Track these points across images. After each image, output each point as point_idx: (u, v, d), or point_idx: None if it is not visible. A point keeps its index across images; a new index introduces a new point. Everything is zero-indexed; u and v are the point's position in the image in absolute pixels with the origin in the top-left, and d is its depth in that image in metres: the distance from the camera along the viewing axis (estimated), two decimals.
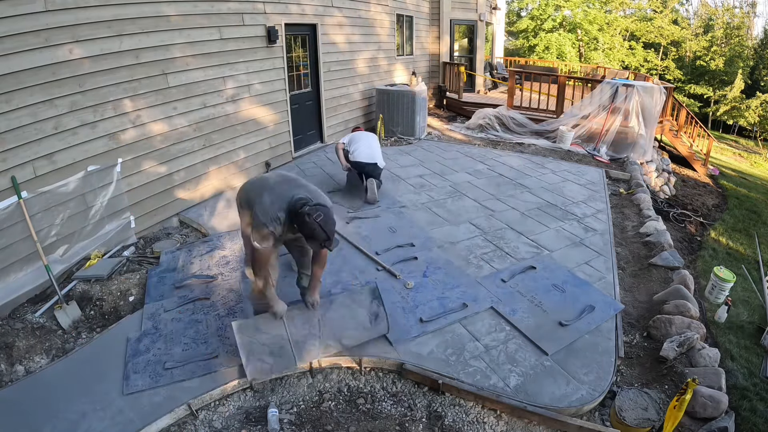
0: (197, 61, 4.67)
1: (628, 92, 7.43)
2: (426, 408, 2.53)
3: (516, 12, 29.15)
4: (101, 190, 3.88)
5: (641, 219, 4.99)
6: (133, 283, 3.53)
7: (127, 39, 3.92)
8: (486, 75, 12.61)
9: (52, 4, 3.32)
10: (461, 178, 5.96)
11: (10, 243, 3.27)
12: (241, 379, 2.62)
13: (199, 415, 2.47)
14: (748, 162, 16.44)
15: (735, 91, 21.68)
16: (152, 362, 2.72)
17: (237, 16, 5.12)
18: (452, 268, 3.73)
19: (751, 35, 25.46)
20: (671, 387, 2.66)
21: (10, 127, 3.19)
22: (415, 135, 8.02)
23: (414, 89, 7.84)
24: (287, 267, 3.70)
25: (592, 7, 25.80)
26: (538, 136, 8.33)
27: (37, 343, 2.94)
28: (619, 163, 7.11)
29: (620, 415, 2.40)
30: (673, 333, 3.03)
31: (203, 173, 4.99)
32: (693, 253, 5.26)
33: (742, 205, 8.05)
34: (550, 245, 4.17)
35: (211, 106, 4.95)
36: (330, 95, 7.27)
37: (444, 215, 4.78)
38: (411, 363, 2.72)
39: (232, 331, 2.60)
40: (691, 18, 27.37)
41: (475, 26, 11.53)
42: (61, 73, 3.46)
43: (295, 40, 6.43)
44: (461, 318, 3.12)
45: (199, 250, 4.01)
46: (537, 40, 25.91)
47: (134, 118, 4.11)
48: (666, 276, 3.86)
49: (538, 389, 2.56)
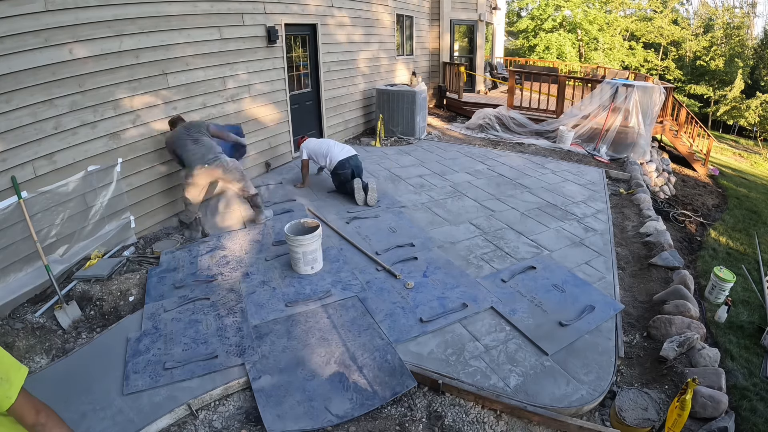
0: (197, 60, 4.67)
1: (628, 92, 7.43)
2: (426, 408, 2.52)
3: (516, 12, 29.15)
4: (101, 190, 3.87)
5: (641, 219, 4.99)
6: (133, 283, 3.53)
7: (127, 39, 3.92)
8: (486, 75, 12.61)
9: (52, 4, 3.32)
10: (461, 178, 5.96)
11: (10, 243, 3.27)
12: (241, 379, 2.62)
13: (199, 415, 2.48)
14: (748, 162, 16.44)
15: (735, 91, 21.68)
16: (152, 362, 2.72)
17: (237, 16, 5.12)
18: (452, 268, 3.73)
19: (751, 35, 25.46)
20: (671, 387, 2.66)
21: (10, 127, 3.19)
22: (415, 135, 8.03)
23: (414, 89, 7.84)
24: (287, 267, 3.71)
25: (592, 7, 25.80)
26: (538, 136, 8.33)
27: (37, 343, 2.94)
28: (619, 163, 7.11)
29: (620, 415, 2.40)
30: (673, 333, 3.03)
31: None
32: (693, 253, 5.26)
33: (742, 205, 8.05)
34: (550, 245, 4.17)
35: (211, 105, 4.96)
36: (330, 95, 7.27)
37: (444, 215, 4.78)
38: (411, 363, 2.72)
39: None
40: (691, 18, 27.37)
41: (475, 26, 11.53)
42: (61, 73, 3.46)
43: (295, 40, 6.43)
44: (461, 318, 3.13)
45: (199, 250, 4.01)
46: (537, 40, 25.91)
47: (134, 117, 4.11)
48: (666, 276, 3.86)
49: (538, 389, 2.56)
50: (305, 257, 3.56)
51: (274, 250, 3.98)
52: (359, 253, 3.97)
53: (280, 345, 2.87)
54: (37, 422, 1.20)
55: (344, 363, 2.74)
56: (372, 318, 3.11)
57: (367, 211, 4.84)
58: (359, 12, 7.71)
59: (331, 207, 4.95)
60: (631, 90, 7.41)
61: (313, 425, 2.35)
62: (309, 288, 3.45)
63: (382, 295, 3.37)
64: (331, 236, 4.28)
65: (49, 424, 1.22)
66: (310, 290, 3.43)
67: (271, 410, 2.42)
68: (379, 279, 3.57)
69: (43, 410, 1.22)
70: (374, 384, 2.59)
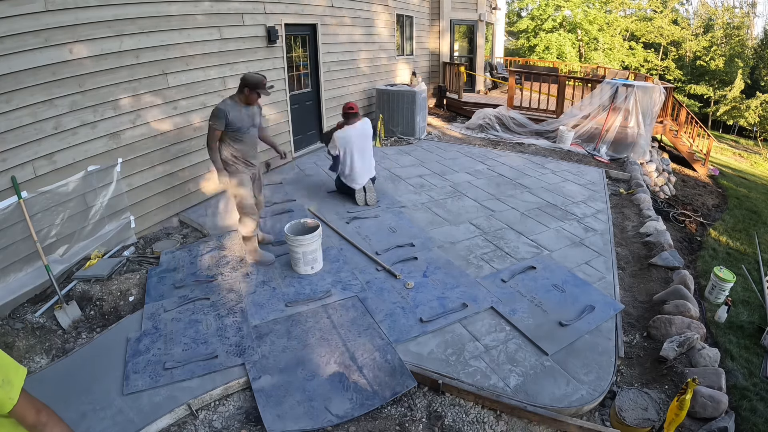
0: (197, 60, 4.67)
1: (628, 92, 7.43)
2: (426, 408, 2.52)
3: (516, 12, 29.16)
4: (101, 190, 3.87)
5: (641, 219, 4.99)
6: (133, 283, 3.53)
7: (127, 39, 3.92)
8: (486, 75, 12.61)
9: (52, 4, 3.32)
10: (461, 178, 5.96)
11: (10, 243, 3.27)
12: (241, 379, 2.62)
13: (199, 415, 2.48)
14: (748, 162, 16.44)
15: (735, 91, 21.68)
16: (152, 362, 2.72)
17: (237, 15, 5.12)
18: (452, 268, 3.73)
19: (751, 35, 25.46)
20: (671, 387, 2.66)
21: (10, 127, 3.19)
22: (415, 135, 8.02)
23: (414, 89, 7.84)
24: (287, 267, 3.71)
25: (592, 7, 25.80)
26: (538, 136, 8.33)
27: (37, 343, 2.94)
28: (619, 163, 7.11)
29: (620, 415, 2.40)
30: (673, 333, 3.03)
31: (203, 173, 4.99)
32: (693, 253, 5.26)
33: (742, 205, 8.05)
34: (550, 245, 4.17)
35: (212, 106, 4.91)
36: (330, 95, 7.27)
37: (444, 215, 4.78)
38: (411, 363, 2.72)
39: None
40: (691, 18, 27.38)
41: (475, 26, 11.54)
42: (61, 73, 3.46)
43: (295, 40, 6.43)
44: (461, 318, 3.12)
45: (199, 250, 4.01)
46: (537, 40, 25.91)
47: (134, 117, 4.11)
48: (666, 276, 3.86)
49: (538, 389, 2.56)
50: (305, 257, 3.56)
51: (274, 250, 3.98)
52: (359, 253, 3.97)
53: (280, 345, 2.87)
54: (38, 422, 1.20)
55: (344, 363, 2.74)
56: (372, 318, 3.11)
57: (367, 211, 4.84)
58: (359, 12, 7.71)
59: (331, 207, 4.95)
60: (631, 90, 7.41)
61: (313, 425, 2.35)
62: (309, 288, 3.45)
63: (382, 295, 3.37)
64: (331, 236, 4.28)
65: (50, 423, 1.22)
66: (310, 290, 3.43)
67: (271, 410, 2.42)
68: (379, 279, 3.57)
69: (44, 410, 1.22)
70: (374, 384, 2.59)
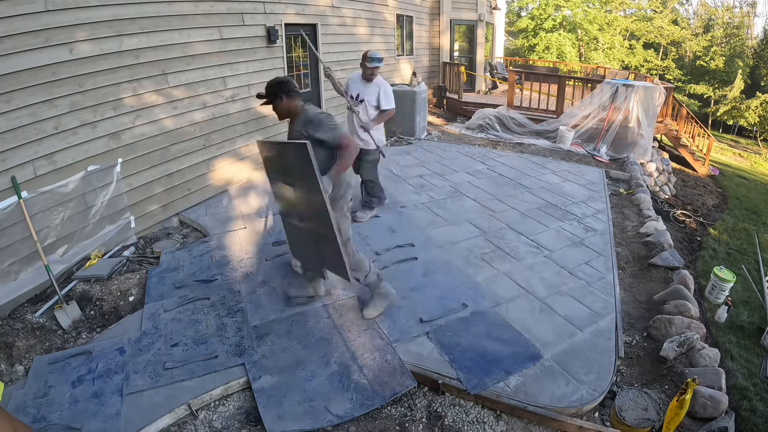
0: (197, 60, 4.67)
1: (628, 92, 7.43)
2: (426, 408, 2.52)
3: (516, 12, 29.17)
4: (101, 190, 3.87)
5: (641, 219, 4.99)
6: (133, 283, 3.53)
7: (127, 39, 3.91)
8: (486, 75, 12.61)
9: (52, 4, 3.32)
10: (461, 178, 5.96)
11: (10, 243, 3.27)
12: (241, 379, 2.62)
13: (199, 415, 2.47)
14: (748, 162, 16.45)
15: (735, 91, 21.69)
16: (152, 362, 2.71)
17: (237, 16, 5.12)
18: (452, 268, 3.73)
19: (751, 35, 25.48)
20: (671, 387, 2.66)
21: (10, 127, 3.19)
22: (415, 135, 8.02)
23: (414, 89, 7.84)
24: (287, 267, 3.71)
25: (592, 7, 25.83)
26: (538, 136, 8.33)
27: (37, 343, 2.94)
28: (619, 163, 7.11)
29: (620, 415, 2.40)
30: (673, 333, 3.03)
31: (203, 173, 4.99)
32: (693, 253, 5.26)
33: (742, 205, 8.05)
34: (550, 245, 4.17)
35: (212, 105, 4.95)
36: (330, 95, 7.26)
37: (444, 215, 4.78)
38: (411, 363, 2.72)
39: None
40: (691, 18, 27.40)
41: (475, 26, 11.54)
42: (61, 73, 3.46)
43: (296, 40, 6.43)
44: (461, 318, 3.12)
45: (199, 250, 4.01)
46: (537, 40, 25.93)
47: (134, 118, 4.11)
48: (666, 276, 3.86)
49: (538, 389, 2.56)
50: None
51: (274, 250, 3.98)
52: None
53: (280, 345, 2.87)
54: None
55: (344, 363, 2.73)
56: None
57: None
58: (359, 12, 7.72)
59: None
60: (632, 90, 7.41)
61: (313, 425, 2.35)
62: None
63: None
64: None
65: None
66: None
67: (271, 410, 2.42)
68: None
69: (21, 428, 1.18)
70: (374, 384, 2.59)
